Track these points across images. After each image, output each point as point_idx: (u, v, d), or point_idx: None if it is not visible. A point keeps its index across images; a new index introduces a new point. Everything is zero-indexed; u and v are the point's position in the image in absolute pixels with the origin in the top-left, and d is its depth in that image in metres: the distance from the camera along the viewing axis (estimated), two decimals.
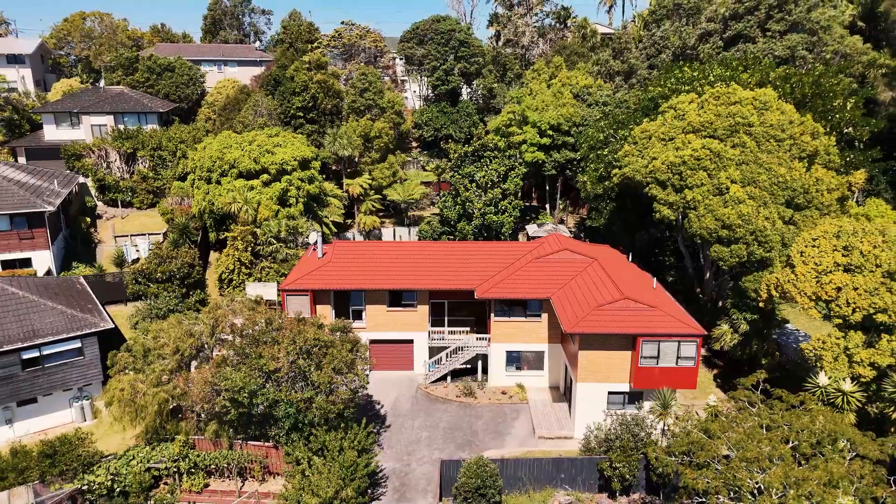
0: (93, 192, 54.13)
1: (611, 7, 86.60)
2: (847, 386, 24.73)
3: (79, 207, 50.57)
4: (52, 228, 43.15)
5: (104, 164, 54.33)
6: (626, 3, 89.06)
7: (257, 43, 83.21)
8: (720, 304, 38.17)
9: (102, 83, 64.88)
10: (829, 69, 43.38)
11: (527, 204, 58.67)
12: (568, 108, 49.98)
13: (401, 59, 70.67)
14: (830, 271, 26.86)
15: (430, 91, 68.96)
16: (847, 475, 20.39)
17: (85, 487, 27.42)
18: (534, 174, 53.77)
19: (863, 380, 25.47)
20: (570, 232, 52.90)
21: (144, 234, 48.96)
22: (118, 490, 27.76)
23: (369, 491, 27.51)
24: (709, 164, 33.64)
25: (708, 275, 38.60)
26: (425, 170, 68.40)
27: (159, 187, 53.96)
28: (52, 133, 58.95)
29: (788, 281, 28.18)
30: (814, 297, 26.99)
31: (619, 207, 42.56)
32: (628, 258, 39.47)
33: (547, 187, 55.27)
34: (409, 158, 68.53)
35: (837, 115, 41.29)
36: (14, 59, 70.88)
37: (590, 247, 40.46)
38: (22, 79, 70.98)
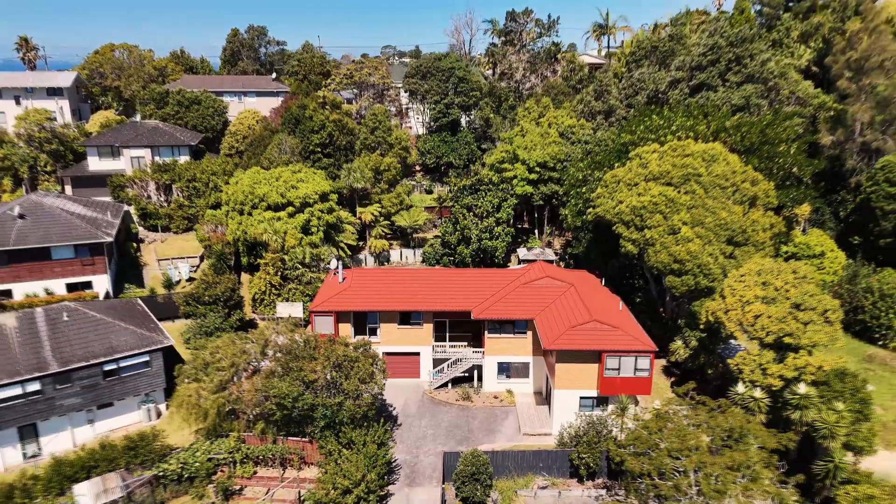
0: (135, 218, 61.24)
1: (599, 37, 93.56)
2: (757, 393, 31.85)
3: (125, 233, 57.68)
4: (107, 254, 50.32)
5: (145, 194, 61.48)
6: (610, 38, 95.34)
7: (273, 74, 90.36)
8: (678, 322, 45.29)
9: (139, 117, 71.97)
10: (778, 117, 50.48)
11: (519, 226, 65.80)
12: (553, 146, 57.12)
13: (406, 91, 77.74)
14: (751, 302, 33.97)
15: (432, 121, 75.94)
16: (745, 461, 27.54)
17: (160, 474, 34.53)
18: (525, 202, 60.84)
19: (773, 388, 32.61)
20: (556, 254, 60.03)
21: (184, 258, 56.04)
22: (186, 476, 34.85)
23: (387, 476, 34.62)
24: (664, 209, 40.74)
25: (668, 298, 45.72)
26: (429, 193, 75.59)
27: (193, 214, 61.06)
28: (96, 164, 66.15)
29: (720, 309, 35.30)
30: (738, 323, 34.09)
31: (594, 238, 49.69)
32: (602, 282, 46.57)
33: (536, 214, 62.40)
34: (414, 182, 75.69)
35: (782, 160, 48.46)
36: (53, 92, 77.95)
37: (568, 273, 47.60)
38: (60, 109, 77.95)
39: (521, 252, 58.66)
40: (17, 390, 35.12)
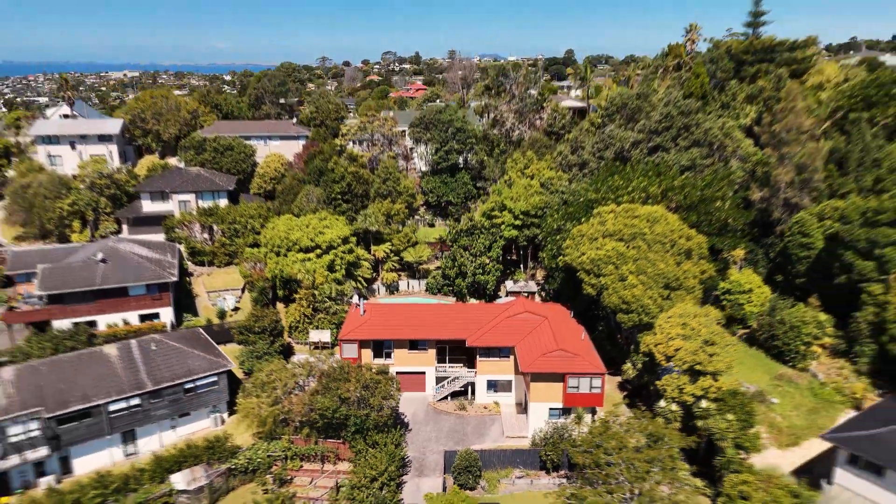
0: (185, 254, 72.82)
1: (580, 87, 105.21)
2: (674, 407, 43.40)
3: (180, 268, 69.26)
4: (171, 290, 61.87)
5: (192, 234, 73.08)
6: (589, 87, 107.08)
7: (294, 119, 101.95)
8: (630, 347, 56.87)
9: (182, 164, 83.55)
10: (715, 178, 62.01)
11: (508, 258, 77.29)
12: (535, 197, 68.72)
13: (411, 138, 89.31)
14: (673, 338, 45.54)
15: (433, 164, 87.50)
16: (658, 456, 39.14)
17: (232, 467, 46.10)
18: (512, 241, 72.41)
19: (687, 404, 44.19)
20: (538, 285, 71.57)
21: (229, 290, 67.64)
22: (251, 468, 46.45)
23: (401, 469, 46.16)
24: (616, 261, 52.30)
25: (622, 328, 57.31)
26: (431, 226, 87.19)
27: (234, 251, 72.62)
28: (148, 206, 77.79)
29: (653, 342, 46.88)
30: (664, 354, 45.67)
31: (566, 277, 61.22)
32: (571, 314, 58.12)
33: (521, 251, 74.00)
34: (418, 217, 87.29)
35: (718, 214, 60.07)
36: (104, 138, 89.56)
37: (544, 306, 59.19)
38: (110, 153, 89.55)
39: (509, 284, 70.29)
40: (124, 404, 46.69)
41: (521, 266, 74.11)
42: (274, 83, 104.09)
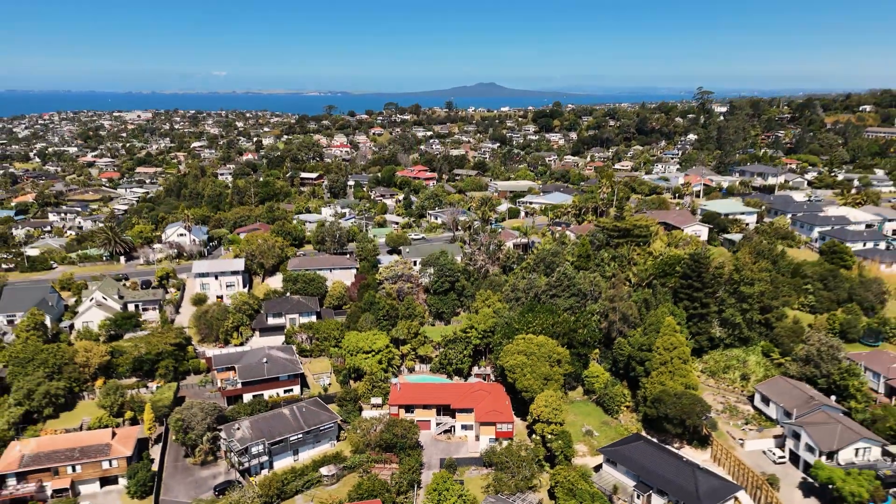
0: (296, 351, 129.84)
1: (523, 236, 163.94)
2: (540, 438, 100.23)
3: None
4: (299, 376, 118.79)
5: (300, 339, 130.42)
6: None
7: (348, 255, 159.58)
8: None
9: (288, 294, 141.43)
10: (581, 317, 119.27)
11: (476, 348, 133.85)
12: (490, 321, 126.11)
13: (420, 273, 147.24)
14: (542, 406, 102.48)
15: (433, 287, 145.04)
16: (528, 458, 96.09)
17: (344, 465, 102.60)
18: (476, 345, 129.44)
19: (545, 436, 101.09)
20: (492, 369, 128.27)
21: (324, 374, 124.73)
22: (352, 466, 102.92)
23: (420, 466, 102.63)
24: (524, 363, 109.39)
25: None
26: (432, 325, 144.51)
27: (322, 349, 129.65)
28: (270, 320, 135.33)
29: (534, 406, 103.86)
30: (538, 415, 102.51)
31: (502, 369, 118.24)
32: (504, 389, 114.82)
33: (483, 350, 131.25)
34: (422, 320, 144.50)
35: (578, 335, 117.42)
36: (235, 273, 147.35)
37: (490, 385, 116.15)
38: (238, 281, 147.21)
39: (475, 370, 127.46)
40: (295, 437, 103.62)
41: (483, 357, 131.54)
42: (332, 226, 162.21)
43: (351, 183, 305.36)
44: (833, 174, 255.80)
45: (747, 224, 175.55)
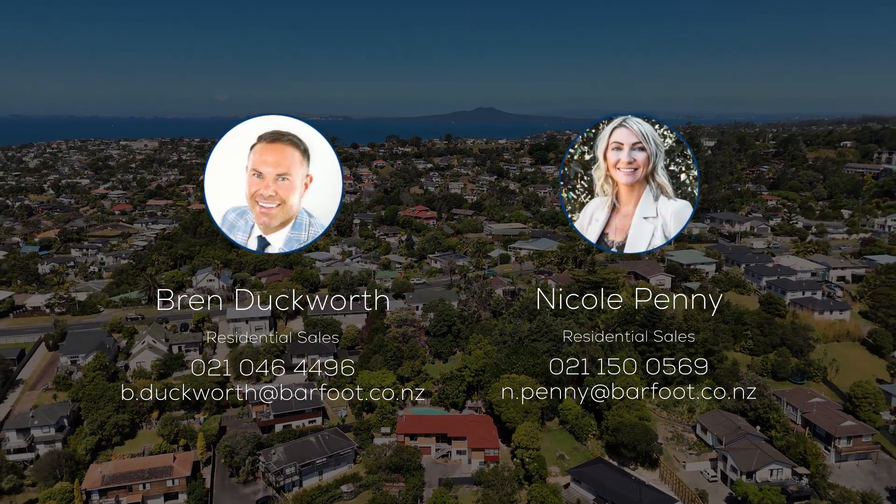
0: (318, 387, 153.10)
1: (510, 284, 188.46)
2: (520, 460, 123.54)
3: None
4: (321, 409, 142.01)
5: (321, 377, 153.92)
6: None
7: (360, 301, 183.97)
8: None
9: (309, 336, 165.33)
10: (558, 355, 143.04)
11: (470, 383, 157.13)
12: (481, 361, 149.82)
13: (421, 316, 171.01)
14: (522, 434, 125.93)
15: (433, 329, 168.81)
16: (511, 477, 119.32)
17: (360, 483, 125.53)
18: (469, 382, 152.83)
19: (525, 459, 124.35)
20: (483, 403, 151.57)
21: (340, 407, 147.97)
22: (366, 485, 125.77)
23: (423, 484, 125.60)
24: (508, 399, 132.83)
25: None
26: (433, 363, 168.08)
27: (339, 384, 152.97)
28: (295, 359, 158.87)
29: (516, 435, 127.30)
30: (519, 439, 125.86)
31: (491, 403, 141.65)
32: (492, 420, 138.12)
33: (475, 386, 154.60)
34: (425, 360, 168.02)
35: (554, 374, 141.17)
36: (262, 318, 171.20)
37: (480, 416, 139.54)
38: (266, 325, 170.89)
39: (469, 403, 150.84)
40: (321, 460, 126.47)
41: (475, 392, 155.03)
42: (346, 273, 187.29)
43: (356, 221, 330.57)
44: (792, 222, 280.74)
45: (707, 273, 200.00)
